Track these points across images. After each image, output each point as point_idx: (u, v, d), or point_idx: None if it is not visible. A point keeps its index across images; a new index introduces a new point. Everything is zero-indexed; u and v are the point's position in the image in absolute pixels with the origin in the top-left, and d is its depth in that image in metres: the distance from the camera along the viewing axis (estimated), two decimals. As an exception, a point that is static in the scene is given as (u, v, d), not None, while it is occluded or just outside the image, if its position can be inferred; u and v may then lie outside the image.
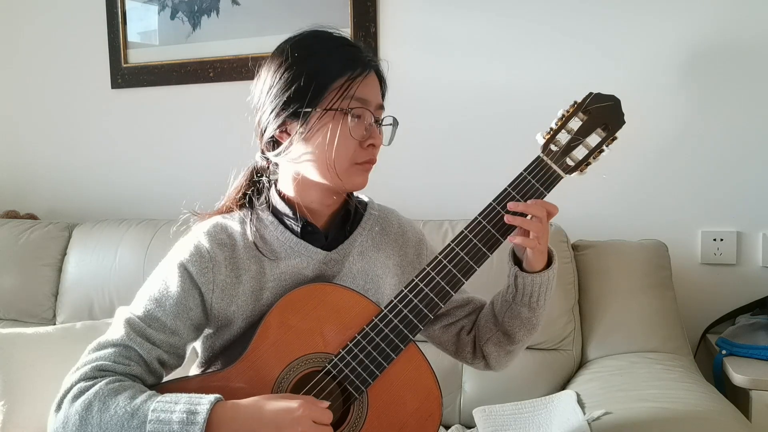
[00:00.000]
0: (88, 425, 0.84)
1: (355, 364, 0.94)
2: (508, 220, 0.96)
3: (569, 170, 0.99)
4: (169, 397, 0.85)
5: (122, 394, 0.85)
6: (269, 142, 1.01)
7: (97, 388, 0.86)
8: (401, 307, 0.96)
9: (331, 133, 0.95)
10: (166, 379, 0.97)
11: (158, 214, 2.09)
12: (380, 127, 1.02)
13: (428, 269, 0.97)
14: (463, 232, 0.98)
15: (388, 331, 0.95)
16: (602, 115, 0.98)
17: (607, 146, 0.99)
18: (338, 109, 0.95)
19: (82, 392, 0.86)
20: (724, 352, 1.53)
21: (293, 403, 0.84)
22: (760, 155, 1.68)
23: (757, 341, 1.51)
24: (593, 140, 0.99)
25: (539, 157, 0.98)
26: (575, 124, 0.98)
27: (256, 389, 0.91)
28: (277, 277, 1.00)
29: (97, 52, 2.25)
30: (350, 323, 0.96)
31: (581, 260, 1.64)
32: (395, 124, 1.04)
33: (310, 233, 1.02)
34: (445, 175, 1.91)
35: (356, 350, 0.94)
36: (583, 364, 1.58)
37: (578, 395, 1.33)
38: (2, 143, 2.44)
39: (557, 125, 0.99)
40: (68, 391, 0.88)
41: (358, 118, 0.97)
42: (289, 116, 0.97)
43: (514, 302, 1.04)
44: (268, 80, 0.99)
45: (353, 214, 1.07)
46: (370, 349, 0.94)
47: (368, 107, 0.97)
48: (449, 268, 0.97)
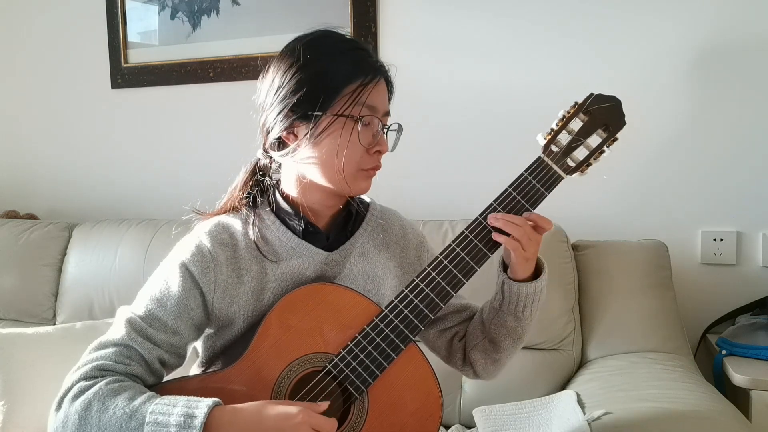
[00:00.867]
0: (87, 425, 0.84)
1: (355, 364, 0.94)
2: (491, 222, 0.96)
3: (570, 171, 0.99)
4: (167, 399, 0.85)
5: (122, 394, 0.85)
6: (274, 141, 1.01)
7: (96, 388, 0.86)
8: (402, 307, 0.96)
9: (342, 139, 0.95)
10: (166, 378, 0.97)
11: (158, 214, 2.09)
12: (386, 133, 1.02)
13: (429, 269, 0.97)
14: (463, 232, 0.98)
15: (388, 331, 0.95)
16: (603, 115, 0.98)
17: (607, 147, 0.99)
18: (349, 116, 0.95)
19: (82, 392, 0.86)
20: (724, 352, 1.53)
21: (293, 409, 0.84)
22: (760, 155, 1.68)
23: (757, 341, 1.51)
24: (594, 141, 0.99)
25: (540, 157, 0.99)
26: (576, 124, 0.98)
27: (256, 389, 0.92)
28: (278, 277, 1.00)
29: (97, 52, 2.25)
30: (350, 323, 0.96)
31: (581, 260, 1.64)
32: (399, 130, 1.04)
33: (311, 234, 1.02)
34: (445, 175, 1.91)
35: (357, 350, 0.94)
36: (583, 364, 1.58)
37: (578, 395, 1.33)
38: (2, 143, 2.44)
39: (558, 126, 0.99)
40: (68, 390, 0.88)
41: (367, 125, 0.97)
42: (297, 118, 0.96)
43: (500, 310, 1.04)
44: (277, 80, 0.98)
45: (355, 215, 1.08)
46: (370, 349, 0.94)
47: (377, 114, 0.98)
48: (450, 268, 0.97)
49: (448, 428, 1.52)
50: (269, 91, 0.99)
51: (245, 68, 2.05)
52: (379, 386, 0.95)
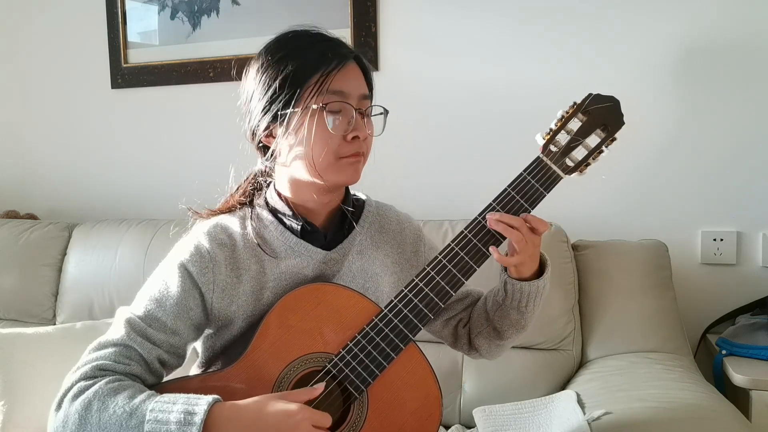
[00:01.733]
0: (87, 424, 0.84)
1: (355, 363, 0.94)
2: (491, 225, 0.96)
3: (569, 171, 0.99)
4: (167, 397, 0.85)
5: (121, 393, 0.85)
6: (260, 147, 1.03)
7: (96, 387, 0.86)
8: (401, 306, 0.96)
9: (307, 130, 0.95)
10: (166, 379, 0.97)
11: (158, 214, 2.09)
12: (367, 118, 1.00)
13: (428, 269, 0.97)
14: (462, 232, 0.98)
15: (388, 330, 0.95)
16: (602, 115, 0.98)
17: (606, 147, 0.99)
18: (315, 106, 0.95)
19: (82, 391, 0.86)
20: (724, 352, 1.53)
21: (293, 406, 0.84)
22: (759, 155, 1.68)
23: (757, 341, 1.51)
24: (593, 141, 0.99)
25: (539, 157, 0.99)
26: (575, 124, 0.98)
27: (256, 389, 0.92)
28: (277, 276, 1.00)
29: (97, 52, 2.25)
30: (350, 323, 0.96)
31: (581, 260, 1.64)
32: (384, 113, 1.03)
33: (309, 233, 1.03)
34: (445, 175, 1.91)
35: (356, 350, 0.94)
36: (583, 364, 1.58)
37: (578, 395, 1.33)
38: (2, 143, 2.44)
39: (557, 126, 0.99)
40: (68, 390, 0.88)
41: (337, 112, 0.96)
42: (272, 120, 0.98)
43: (503, 304, 1.05)
44: (249, 86, 1.00)
45: (351, 212, 1.07)
46: (370, 348, 0.94)
47: (348, 100, 0.96)
48: (449, 268, 0.97)
49: (448, 428, 1.52)
50: (246, 99, 1.01)
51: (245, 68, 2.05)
52: (378, 386, 0.95)
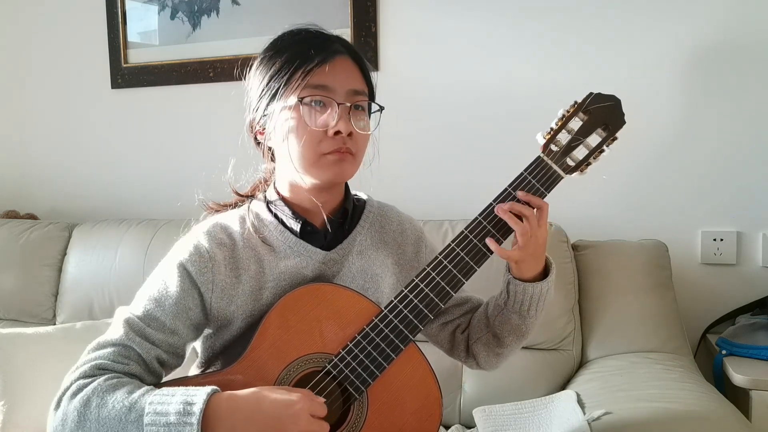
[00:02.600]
0: (86, 421, 0.84)
1: (355, 364, 0.94)
2: (498, 213, 0.95)
3: (569, 170, 0.99)
4: (166, 390, 0.85)
5: (120, 389, 0.86)
6: (259, 144, 1.05)
7: (95, 384, 0.86)
8: (401, 307, 0.96)
9: (287, 127, 0.96)
10: (165, 379, 0.97)
11: (158, 214, 2.09)
12: (358, 114, 0.97)
13: (428, 269, 0.97)
14: (463, 232, 0.98)
15: (388, 331, 0.95)
16: (603, 115, 0.98)
17: (607, 146, 0.98)
18: (294, 99, 0.94)
19: (80, 389, 0.87)
20: (724, 352, 1.53)
21: (292, 396, 0.84)
22: (760, 155, 1.68)
23: (757, 341, 1.51)
24: (594, 140, 0.99)
25: (539, 157, 0.98)
26: (575, 124, 0.98)
27: (256, 389, 0.91)
28: (276, 276, 1.00)
29: (97, 52, 2.25)
30: (350, 323, 0.96)
31: (581, 260, 1.64)
32: (380, 110, 1.02)
33: (309, 233, 1.02)
34: (445, 175, 1.91)
35: (356, 350, 0.94)
36: (583, 364, 1.58)
37: (578, 395, 1.33)
38: (3, 143, 2.44)
39: (557, 125, 0.98)
40: (67, 389, 0.88)
41: (318, 105, 0.95)
42: (262, 116, 0.99)
43: (505, 307, 1.04)
44: (247, 83, 1.02)
45: (351, 212, 1.07)
46: (370, 349, 0.94)
47: (330, 94, 0.95)
48: (449, 268, 0.96)
49: (448, 428, 1.52)
50: (246, 101, 1.03)
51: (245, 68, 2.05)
52: (378, 386, 0.95)
